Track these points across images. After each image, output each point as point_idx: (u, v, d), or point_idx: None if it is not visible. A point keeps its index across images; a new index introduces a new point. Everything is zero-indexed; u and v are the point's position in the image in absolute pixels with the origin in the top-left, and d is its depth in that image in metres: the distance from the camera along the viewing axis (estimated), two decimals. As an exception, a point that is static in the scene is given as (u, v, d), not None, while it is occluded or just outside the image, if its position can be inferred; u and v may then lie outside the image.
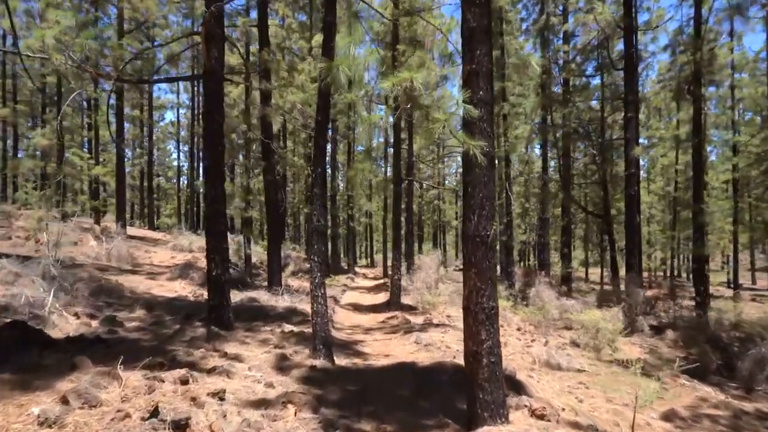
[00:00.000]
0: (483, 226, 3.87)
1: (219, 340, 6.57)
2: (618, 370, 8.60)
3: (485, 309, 3.86)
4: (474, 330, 3.88)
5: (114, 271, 11.08)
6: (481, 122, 3.88)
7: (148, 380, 3.61)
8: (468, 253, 3.93)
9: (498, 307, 3.97)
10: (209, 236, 7.18)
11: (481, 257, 3.87)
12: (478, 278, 3.87)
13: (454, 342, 7.73)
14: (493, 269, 3.91)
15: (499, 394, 3.87)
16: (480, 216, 3.88)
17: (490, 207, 3.92)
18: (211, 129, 7.17)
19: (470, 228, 3.90)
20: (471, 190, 3.91)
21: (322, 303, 5.98)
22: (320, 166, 6.08)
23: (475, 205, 3.88)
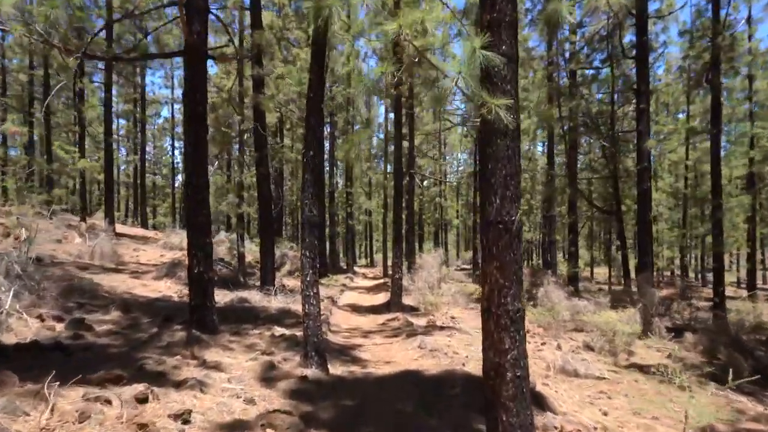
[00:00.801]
0: (507, 210, 3.16)
1: (199, 345, 5.85)
2: (639, 376, 7.89)
3: (509, 311, 3.14)
4: (496, 337, 3.16)
5: (95, 269, 10.36)
6: (504, 82, 3.16)
7: (87, 402, 2.89)
8: (488, 243, 3.21)
9: (524, 310, 3.25)
10: (191, 230, 6.47)
11: (504, 248, 3.15)
12: (501, 274, 3.15)
13: (461, 347, 7.02)
14: (519, 263, 3.19)
15: (526, 416, 3.16)
16: (503, 198, 3.17)
17: (515, 187, 3.21)
18: (193, 111, 6.46)
19: (491, 213, 3.19)
20: (492, 166, 3.19)
21: (315, 304, 5.27)
22: (312, 149, 5.37)
23: (497, 184, 3.17)
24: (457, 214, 33.22)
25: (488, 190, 3.21)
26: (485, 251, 3.25)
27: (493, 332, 3.18)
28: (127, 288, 9.03)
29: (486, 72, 3.10)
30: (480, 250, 3.41)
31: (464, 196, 32.38)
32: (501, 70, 3.15)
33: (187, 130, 6.54)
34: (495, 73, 3.14)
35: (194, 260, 6.43)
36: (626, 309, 10.57)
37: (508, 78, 3.20)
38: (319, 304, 5.34)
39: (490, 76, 3.12)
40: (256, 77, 10.72)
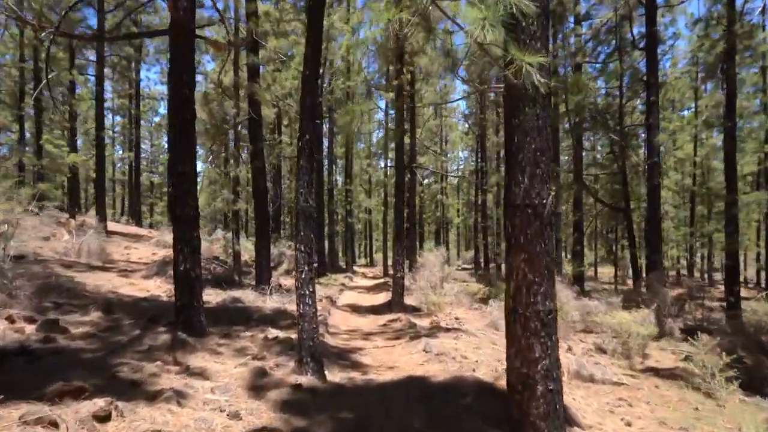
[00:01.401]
0: (537, 192, 2.65)
1: (185, 349, 5.34)
2: (659, 381, 7.38)
3: (540, 313, 2.63)
4: (523, 344, 2.65)
5: (81, 267, 9.84)
6: (533, 39, 2.65)
7: (23, 427, 2.37)
8: (514, 231, 2.70)
9: (557, 311, 2.74)
10: (176, 223, 5.95)
11: (534, 237, 2.64)
12: (530, 268, 2.64)
13: (469, 350, 6.51)
14: (551, 254, 2.68)
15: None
16: (532, 177, 2.66)
17: (545, 164, 2.70)
18: (178, 94, 5.94)
19: (517, 194, 2.68)
20: (519, 139, 2.68)
21: (311, 304, 4.75)
22: (308, 133, 4.86)
23: (526, 160, 2.66)
24: (458, 213, 32.72)
25: (514, 168, 2.70)
26: (510, 241, 2.73)
27: (520, 337, 2.66)
28: (113, 287, 8.51)
29: (513, 24, 2.58)
30: (505, 238, 2.90)
31: (465, 195, 31.86)
32: (530, 25, 2.63)
33: (171, 114, 6.02)
34: (524, 28, 2.63)
35: (180, 256, 5.91)
36: (639, 310, 10.06)
37: (537, 34, 2.69)
38: (316, 304, 4.83)
39: (517, 29, 2.61)
40: (251, 66, 10.20)
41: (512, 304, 2.69)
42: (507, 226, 2.76)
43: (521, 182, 2.66)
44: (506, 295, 2.76)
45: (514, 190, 2.69)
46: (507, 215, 2.77)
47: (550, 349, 2.64)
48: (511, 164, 2.72)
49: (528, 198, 2.64)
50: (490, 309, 10.96)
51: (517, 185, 2.67)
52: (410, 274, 15.37)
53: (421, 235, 29.06)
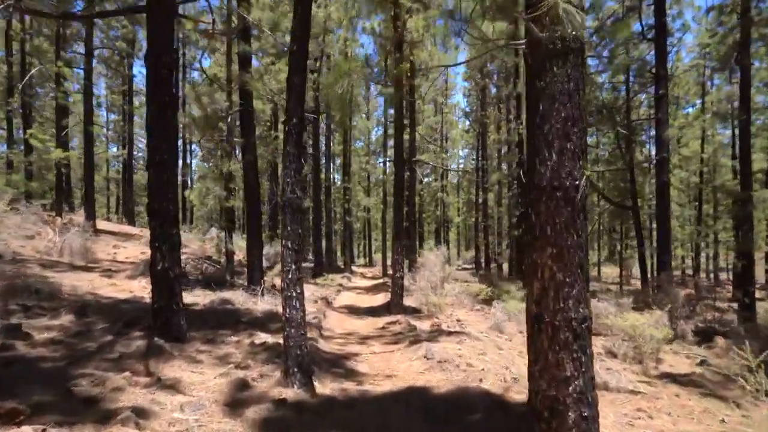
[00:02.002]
0: (567, 171, 2.13)
1: (161, 357, 4.81)
2: (678, 389, 6.86)
3: (572, 321, 2.11)
4: (551, 359, 2.13)
5: (62, 267, 9.32)
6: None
7: None
8: (539, 220, 2.19)
9: (591, 318, 2.22)
10: (153, 217, 5.43)
11: (566, 227, 2.13)
12: (559, 265, 2.12)
13: (474, 356, 5.99)
14: (585, 249, 2.16)
15: (598, 478, 2.13)
16: (561, 152, 2.14)
17: (578, 137, 2.18)
18: (156, 75, 5.42)
19: (543, 175, 2.16)
20: (545, 106, 2.17)
21: (298, 307, 4.23)
22: (295, 115, 4.34)
23: (553, 132, 2.15)
24: (458, 212, 32.22)
25: (539, 143, 2.18)
26: (534, 233, 2.21)
27: (547, 351, 2.14)
28: (92, 288, 7.98)
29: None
30: (526, 227, 2.38)
31: (465, 194, 31.35)
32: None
33: (149, 97, 5.50)
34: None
35: (157, 254, 5.39)
36: (652, 311, 9.56)
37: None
38: (304, 308, 4.30)
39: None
40: (242, 55, 9.68)
41: (536, 309, 2.17)
42: (530, 215, 2.24)
43: (548, 159, 2.14)
44: (528, 299, 2.24)
45: (539, 169, 2.17)
46: (530, 201, 2.25)
47: (584, 366, 2.12)
48: (534, 138, 2.20)
49: (556, 179, 2.12)
50: (494, 311, 10.45)
51: (543, 163, 2.15)
52: (410, 274, 14.86)
53: (421, 235, 28.54)
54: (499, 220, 28.31)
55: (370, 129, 29.02)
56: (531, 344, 2.22)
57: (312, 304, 10.49)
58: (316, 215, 17.82)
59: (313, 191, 18.16)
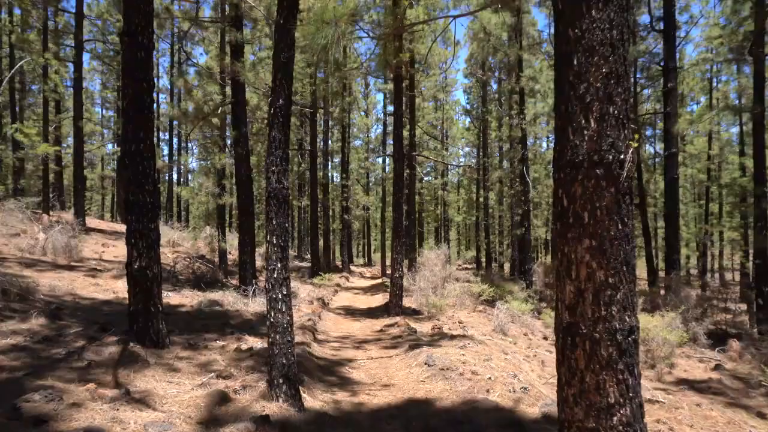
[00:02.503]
0: (610, 142, 1.68)
1: (134, 365, 4.36)
2: (697, 398, 6.40)
3: (616, 333, 1.66)
4: (589, 381, 1.67)
5: (44, 266, 8.86)
6: None
7: None
8: (573, 204, 1.73)
9: (639, 329, 1.75)
10: (130, 211, 4.97)
11: (608, 213, 1.67)
12: (600, 261, 1.66)
13: (479, 363, 5.53)
14: (632, 241, 1.70)
15: None
16: (603, 118, 1.69)
17: (623, 100, 1.72)
18: (133, 58, 4.96)
19: (579, 147, 1.71)
20: (580, 60, 1.71)
21: (285, 311, 3.78)
22: (281, 96, 3.88)
23: (592, 92, 1.69)
24: (458, 210, 31.78)
25: (573, 106, 1.72)
26: (567, 219, 1.75)
27: (584, 371, 1.68)
28: (73, 288, 7.52)
29: None
30: (552, 217, 1.91)
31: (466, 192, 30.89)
32: None
33: (125, 82, 5.04)
34: None
35: (134, 251, 4.93)
36: (663, 313, 9.11)
37: None
38: (291, 311, 3.85)
39: None
40: (234, 44, 9.22)
41: (569, 318, 1.71)
42: (560, 199, 1.78)
43: (585, 128, 1.68)
44: (557, 305, 1.78)
45: (573, 141, 1.71)
46: (559, 181, 1.79)
47: (632, 390, 1.66)
48: (567, 102, 1.74)
49: (596, 152, 1.66)
50: (497, 312, 9.99)
51: (578, 133, 1.70)
52: (410, 273, 14.42)
53: (421, 234, 28.07)
54: (500, 219, 27.89)
55: (370, 126, 28.55)
56: (562, 361, 1.76)
57: (307, 305, 10.05)
58: (313, 213, 17.35)
59: (310, 189, 17.69)
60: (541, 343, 9.37)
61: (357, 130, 28.36)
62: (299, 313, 8.72)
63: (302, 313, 8.87)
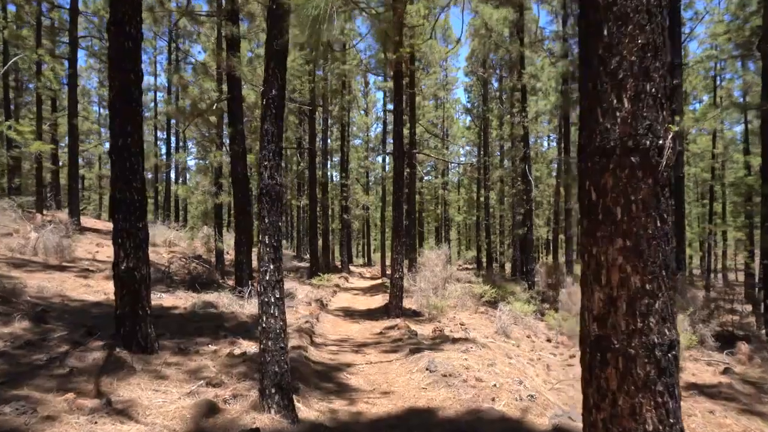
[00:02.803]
0: (647, 124, 1.44)
1: (119, 372, 4.12)
2: (710, 404, 6.16)
3: (654, 349, 1.42)
4: (624, 404, 1.44)
5: (34, 266, 8.62)
6: None
7: None
8: (603, 197, 1.49)
9: (679, 342, 1.50)
10: (117, 210, 4.73)
11: (644, 207, 1.43)
12: (635, 264, 1.42)
13: (483, 368, 5.29)
14: (670, 241, 1.45)
15: None
16: (639, 96, 1.45)
17: (661, 75, 1.47)
18: (120, 48, 4.72)
19: (610, 130, 1.47)
20: (613, 30, 1.48)
21: (278, 315, 3.54)
22: (274, 86, 3.65)
23: (625, 68, 1.45)
24: (459, 210, 31.54)
25: (602, 83, 1.48)
26: (596, 215, 1.51)
27: (617, 392, 1.44)
28: (62, 289, 7.28)
29: None
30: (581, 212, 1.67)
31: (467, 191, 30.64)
32: None
33: (111, 74, 4.80)
34: None
35: (121, 251, 4.69)
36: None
37: None
38: (285, 315, 3.61)
39: None
40: (230, 38, 8.98)
41: (598, 330, 1.47)
42: (586, 192, 1.54)
43: (617, 109, 1.44)
44: (583, 315, 1.54)
45: (604, 124, 1.47)
46: (587, 171, 1.55)
47: (673, 416, 1.42)
48: (595, 78, 1.50)
49: (631, 136, 1.42)
50: (499, 313, 9.76)
51: (609, 115, 1.46)
52: (410, 274, 14.19)
53: (421, 234, 27.83)
54: (501, 219, 27.64)
55: (369, 125, 28.30)
56: (589, 381, 1.52)
57: (304, 307, 9.81)
58: (312, 213, 17.11)
59: (309, 188, 17.45)
60: (545, 346, 9.14)
61: (357, 129, 28.12)
62: (296, 315, 8.48)
63: (299, 315, 8.63)
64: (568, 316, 10.42)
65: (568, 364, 7.87)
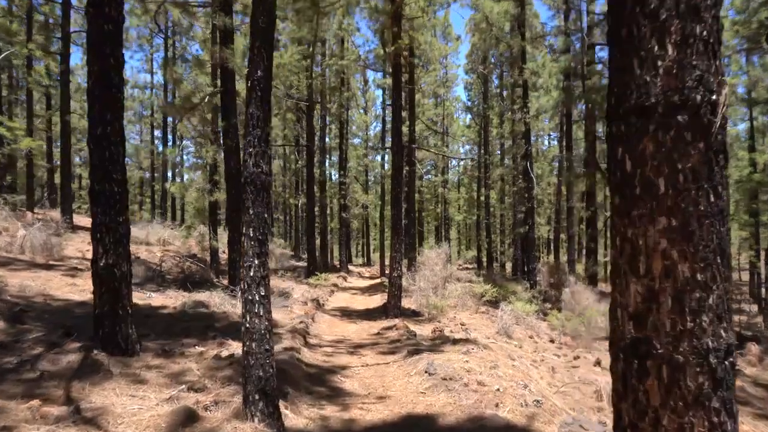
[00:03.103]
0: (697, 75, 1.13)
1: (94, 376, 3.84)
2: (722, 408, 5.88)
3: (707, 354, 1.11)
4: (669, 425, 1.15)
5: (19, 265, 8.33)
6: None
7: None
8: (641, 167, 1.18)
9: (735, 346, 1.20)
10: (95, 202, 4.45)
11: (694, 178, 1.12)
12: (682, 248, 1.12)
13: (485, 371, 5.00)
14: (726, 219, 1.15)
15: None
16: (684, 42, 1.16)
17: (713, 17, 1.17)
18: (99, 30, 4.43)
19: (649, 84, 1.17)
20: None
21: (262, 314, 3.25)
22: (260, 68, 3.36)
23: (666, 6, 1.13)
24: (458, 209, 31.24)
25: (641, 25, 1.17)
26: (632, 189, 1.22)
27: (659, 408, 1.16)
28: (46, 288, 6.99)
29: None
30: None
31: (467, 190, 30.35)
32: None
33: (90, 58, 4.51)
34: None
35: (99, 247, 4.41)
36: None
37: None
38: (270, 315, 3.32)
39: None
40: (222, 29, 8.70)
41: (636, 331, 1.19)
42: (620, 160, 1.25)
43: (659, 56, 1.16)
44: (614, 312, 1.25)
45: (641, 75, 1.18)
46: (619, 136, 1.26)
47: (730, 438, 1.12)
48: (631, 21, 1.21)
49: (677, 90, 1.14)
50: (500, 313, 9.48)
51: (648, 64, 1.17)
52: (409, 273, 13.90)
53: (421, 233, 27.53)
54: (501, 218, 27.37)
55: (368, 124, 28.01)
56: (623, 394, 1.23)
57: (300, 306, 9.52)
58: (310, 212, 16.82)
59: (307, 186, 17.16)
60: (548, 347, 8.86)
61: (356, 128, 27.84)
62: (291, 315, 8.20)
63: (294, 314, 8.34)
64: (572, 316, 10.15)
65: (573, 365, 7.59)
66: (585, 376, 6.93)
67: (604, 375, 7.07)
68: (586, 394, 5.96)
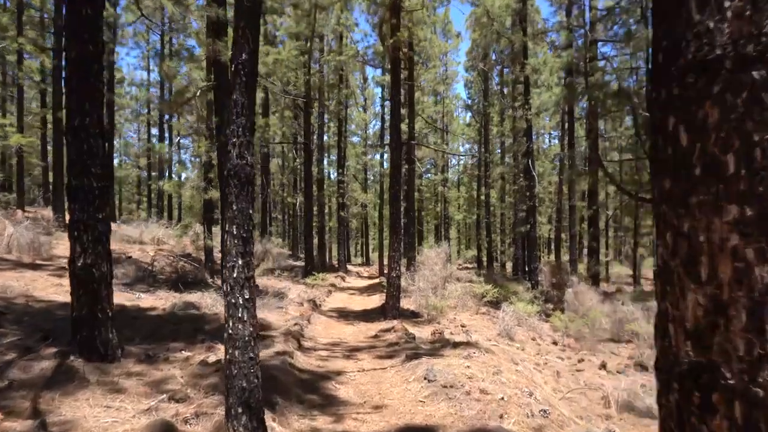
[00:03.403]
0: None
1: (68, 385, 3.56)
2: None
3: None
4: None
5: (4, 264, 8.05)
6: None
7: None
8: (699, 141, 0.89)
9: None
10: (72, 197, 4.17)
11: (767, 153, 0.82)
12: (761, 247, 0.81)
13: (488, 378, 4.73)
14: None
15: None
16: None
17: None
18: (77, 15, 4.16)
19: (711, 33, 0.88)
20: None
21: (246, 319, 2.97)
22: (245, 50, 3.08)
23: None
24: (458, 208, 30.98)
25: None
26: (685, 170, 0.92)
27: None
28: (29, 289, 6.72)
29: None
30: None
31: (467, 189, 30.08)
32: None
33: (67, 44, 4.23)
34: None
35: (77, 246, 4.14)
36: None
37: None
38: (255, 320, 3.05)
39: None
40: (215, 21, 8.42)
41: (694, 353, 0.91)
42: (671, 133, 0.97)
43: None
44: (662, 325, 0.97)
45: (701, 21, 0.90)
46: (668, 102, 0.98)
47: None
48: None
49: (750, 37, 0.86)
50: (502, 314, 9.23)
51: (710, 7, 0.88)
52: (408, 273, 13.64)
53: (420, 233, 27.27)
54: (501, 217, 27.09)
55: (367, 122, 27.73)
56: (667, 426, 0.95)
57: (296, 307, 9.24)
58: (307, 210, 16.55)
59: (305, 184, 16.89)
60: (551, 349, 8.60)
61: (355, 126, 27.56)
62: (285, 317, 7.92)
63: (289, 316, 8.07)
64: (575, 317, 9.88)
65: (577, 368, 7.34)
66: (591, 381, 6.67)
67: (610, 379, 6.82)
68: (593, 401, 5.69)
